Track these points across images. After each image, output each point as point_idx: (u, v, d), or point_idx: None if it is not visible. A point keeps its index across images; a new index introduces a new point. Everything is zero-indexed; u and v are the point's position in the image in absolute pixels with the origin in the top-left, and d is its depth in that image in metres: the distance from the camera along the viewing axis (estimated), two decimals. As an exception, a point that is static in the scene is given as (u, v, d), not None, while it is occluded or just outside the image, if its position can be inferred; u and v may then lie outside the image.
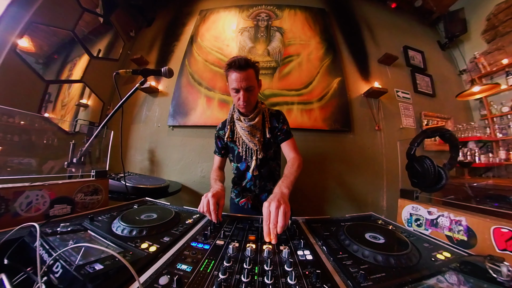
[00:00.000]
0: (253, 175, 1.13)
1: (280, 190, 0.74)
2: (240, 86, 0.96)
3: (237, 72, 0.94)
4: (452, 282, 0.41)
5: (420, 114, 2.40)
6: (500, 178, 2.30)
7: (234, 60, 0.94)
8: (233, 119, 1.12)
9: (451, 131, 0.85)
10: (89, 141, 0.94)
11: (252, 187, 1.17)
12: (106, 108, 2.48)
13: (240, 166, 1.17)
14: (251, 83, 0.97)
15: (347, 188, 2.05)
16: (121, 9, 2.64)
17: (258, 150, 1.09)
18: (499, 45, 2.56)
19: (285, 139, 1.10)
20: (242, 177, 1.19)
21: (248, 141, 1.09)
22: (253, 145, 1.09)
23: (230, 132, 1.13)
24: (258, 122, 1.07)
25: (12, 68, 1.68)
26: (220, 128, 1.21)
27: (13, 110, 1.48)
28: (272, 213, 0.61)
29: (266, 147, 1.12)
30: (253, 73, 0.98)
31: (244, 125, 1.07)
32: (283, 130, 1.11)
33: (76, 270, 0.35)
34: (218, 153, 1.22)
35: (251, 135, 1.08)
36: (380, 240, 0.58)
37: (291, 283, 0.39)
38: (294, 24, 2.46)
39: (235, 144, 1.15)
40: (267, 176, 1.16)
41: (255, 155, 1.10)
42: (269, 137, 1.10)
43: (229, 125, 1.14)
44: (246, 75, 0.95)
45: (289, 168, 0.96)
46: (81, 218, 0.68)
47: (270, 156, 1.15)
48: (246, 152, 1.12)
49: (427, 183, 0.80)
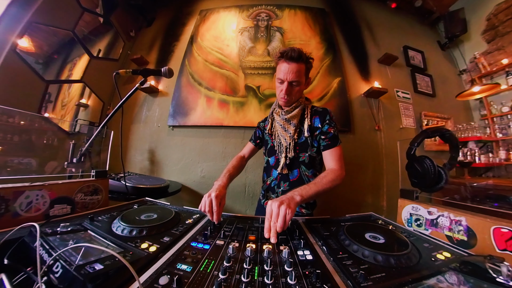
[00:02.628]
0: (280, 174, 1.04)
1: (292, 195, 0.70)
2: (285, 78, 0.91)
3: (287, 62, 0.90)
4: (452, 282, 0.41)
5: (420, 114, 2.40)
6: (500, 178, 2.30)
7: (287, 50, 0.90)
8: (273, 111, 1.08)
9: (451, 131, 0.85)
10: (89, 141, 0.93)
11: (276, 188, 1.07)
12: (106, 108, 2.48)
13: (270, 160, 1.12)
14: (297, 78, 0.91)
15: (347, 188, 2.05)
16: (121, 9, 2.64)
17: (289, 147, 1.00)
18: (499, 45, 2.56)
19: (330, 146, 0.94)
20: (269, 173, 1.13)
21: (280, 136, 1.02)
22: (284, 141, 1.01)
23: (270, 124, 1.10)
24: (295, 116, 0.99)
25: (12, 68, 1.68)
26: (262, 120, 1.22)
27: (13, 110, 1.48)
28: (274, 212, 0.61)
29: (301, 148, 1.00)
30: (303, 68, 0.92)
31: (279, 118, 1.02)
32: (329, 134, 0.95)
33: (76, 270, 0.35)
34: (253, 141, 1.20)
35: (284, 129, 1.01)
36: (380, 240, 0.58)
37: (291, 283, 0.39)
38: (294, 24, 2.46)
39: (270, 137, 1.11)
40: (295, 182, 1.01)
41: (285, 152, 1.00)
42: (307, 136, 0.98)
43: (270, 118, 1.11)
44: (295, 68, 0.89)
45: (320, 177, 0.83)
46: (81, 218, 0.68)
47: (303, 160, 1.00)
48: (279, 147, 1.04)
49: (427, 183, 0.80)
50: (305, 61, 0.92)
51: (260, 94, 2.18)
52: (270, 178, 1.10)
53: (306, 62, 0.93)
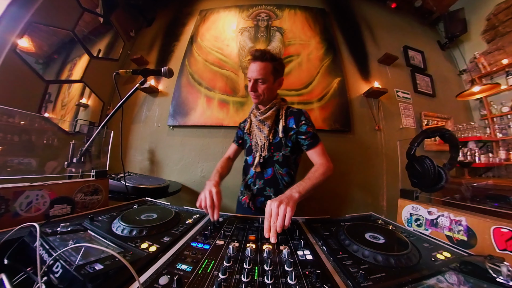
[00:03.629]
0: (256, 172, 1.08)
1: (290, 193, 0.72)
2: (251, 76, 0.98)
3: (253, 62, 0.98)
4: (452, 282, 0.41)
5: (420, 114, 2.40)
6: (500, 178, 2.30)
7: (254, 50, 0.98)
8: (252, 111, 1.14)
9: (451, 131, 0.85)
10: (89, 141, 0.94)
11: (252, 186, 1.11)
12: (106, 108, 2.48)
13: (248, 159, 1.16)
14: (262, 75, 0.96)
15: (347, 188, 2.05)
16: (121, 9, 2.64)
17: (263, 147, 1.04)
18: (499, 45, 2.56)
19: (313, 144, 0.99)
20: (246, 172, 1.17)
21: (256, 136, 1.08)
22: (259, 140, 1.06)
23: (249, 124, 1.15)
24: (269, 117, 1.03)
25: (12, 68, 1.68)
26: (244, 120, 1.26)
27: (13, 110, 1.48)
28: (273, 212, 0.61)
29: (275, 147, 1.04)
30: (269, 67, 0.97)
31: (254, 119, 1.08)
32: (309, 133, 0.99)
33: (76, 270, 0.35)
34: (236, 142, 1.25)
35: (259, 130, 1.06)
36: (380, 240, 0.58)
37: (291, 283, 0.39)
38: (294, 24, 2.46)
39: (249, 137, 1.16)
40: (269, 180, 1.06)
41: (259, 151, 1.05)
42: (281, 137, 1.01)
43: (249, 118, 1.16)
44: (259, 66, 0.96)
45: (312, 172, 0.89)
46: (81, 218, 0.68)
47: (277, 159, 1.05)
48: (255, 146, 1.09)
49: (427, 183, 0.80)
50: (270, 60, 0.97)
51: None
52: (248, 176, 1.15)
53: (272, 61, 0.98)
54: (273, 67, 0.98)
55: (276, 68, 1.00)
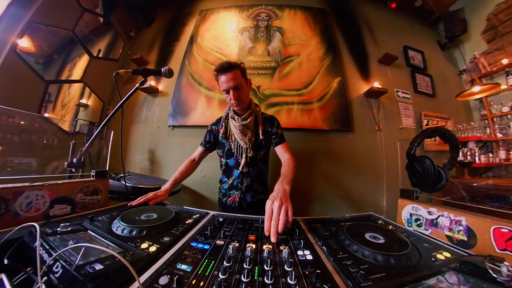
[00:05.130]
0: (241, 173, 1.17)
1: (283, 187, 0.75)
2: (228, 86, 1.04)
3: (223, 74, 1.04)
4: (452, 282, 0.41)
5: (420, 114, 2.40)
6: (500, 178, 2.30)
7: (218, 65, 1.04)
8: (228, 117, 1.19)
9: (451, 131, 0.85)
10: (89, 141, 0.94)
11: (239, 185, 1.20)
12: (106, 108, 2.48)
13: (229, 162, 1.23)
14: (238, 82, 1.04)
15: (347, 188, 2.05)
16: (121, 9, 2.64)
17: (248, 148, 1.15)
18: (499, 45, 2.56)
19: (280, 142, 1.18)
20: (229, 174, 1.24)
21: (239, 139, 1.16)
22: (243, 143, 1.15)
23: (225, 129, 1.20)
24: (251, 122, 1.14)
25: (12, 68, 1.68)
26: (214, 123, 1.29)
27: (13, 110, 1.49)
28: (275, 211, 0.62)
29: (257, 148, 1.18)
30: (239, 73, 1.06)
31: (237, 124, 1.14)
32: (278, 134, 1.19)
33: (76, 270, 0.35)
34: (203, 146, 1.30)
35: (243, 133, 1.14)
36: (380, 240, 0.58)
37: (291, 283, 0.39)
38: (294, 24, 2.46)
39: (226, 141, 1.21)
40: (255, 176, 1.20)
41: (245, 153, 1.15)
42: (262, 139, 1.16)
43: (224, 122, 1.20)
44: (231, 75, 1.03)
45: (286, 167, 1.00)
46: (81, 218, 0.68)
47: (260, 158, 1.21)
48: (237, 149, 1.17)
49: (427, 183, 0.80)
50: (237, 67, 1.06)
51: (260, 94, 2.18)
52: (232, 178, 1.22)
53: (238, 67, 1.06)
54: (240, 71, 1.07)
55: (243, 72, 1.10)
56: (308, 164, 2.06)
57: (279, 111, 2.10)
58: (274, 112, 2.09)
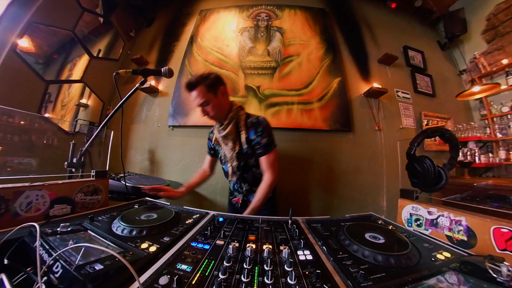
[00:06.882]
0: (238, 178, 1.18)
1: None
2: (196, 104, 1.06)
3: (189, 93, 1.04)
4: (452, 282, 0.41)
5: (420, 114, 2.40)
6: (500, 178, 2.30)
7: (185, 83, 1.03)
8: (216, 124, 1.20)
9: (451, 131, 0.85)
10: (89, 141, 0.94)
11: (240, 189, 1.22)
12: (106, 108, 2.48)
13: (224, 167, 1.24)
14: (202, 99, 1.03)
15: (347, 188, 2.05)
16: (121, 9, 2.64)
17: (232, 158, 1.11)
18: (499, 45, 2.56)
19: (263, 153, 1.08)
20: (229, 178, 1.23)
21: (224, 149, 1.15)
22: (227, 153, 1.13)
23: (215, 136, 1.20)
24: (230, 132, 1.08)
25: (12, 68, 1.68)
26: (211, 130, 1.30)
27: (13, 110, 1.49)
28: None
29: (245, 156, 1.11)
30: (203, 89, 1.02)
31: (218, 135, 1.13)
32: (261, 143, 1.07)
33: (76, 270, 0.35)
34: (208, 153, 1.34)
35: (224, 144, 1.13)
36: (380, 240, 0.58)
37: (291, 283, 0.39)
38: (294, 24, 2.46)
39: (219, 147, 1.22)
40: (251, 181, 1.17)
41: (230, 163, 1.13)
42: (246, 147, 1.08)
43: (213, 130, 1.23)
44: (195, 94, 1.02)
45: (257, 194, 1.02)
46: (81, 218, 0.68)
47: (253, 164, 1.14)
48: (225, 157, 1.17)
49: (427, 183, 0.80)
50: (199, 83, 1.01)
51: (260, 94, 2.18)
52: (232, 181, 1.23)
53: (201, 83, 1.01)
54: (205, 86, 1.02)
55: (209, 85, 1.03)
56: (308, 164, 2.06)
57: (279, 111, 2.10)
58: (274, 112, 2.09)
